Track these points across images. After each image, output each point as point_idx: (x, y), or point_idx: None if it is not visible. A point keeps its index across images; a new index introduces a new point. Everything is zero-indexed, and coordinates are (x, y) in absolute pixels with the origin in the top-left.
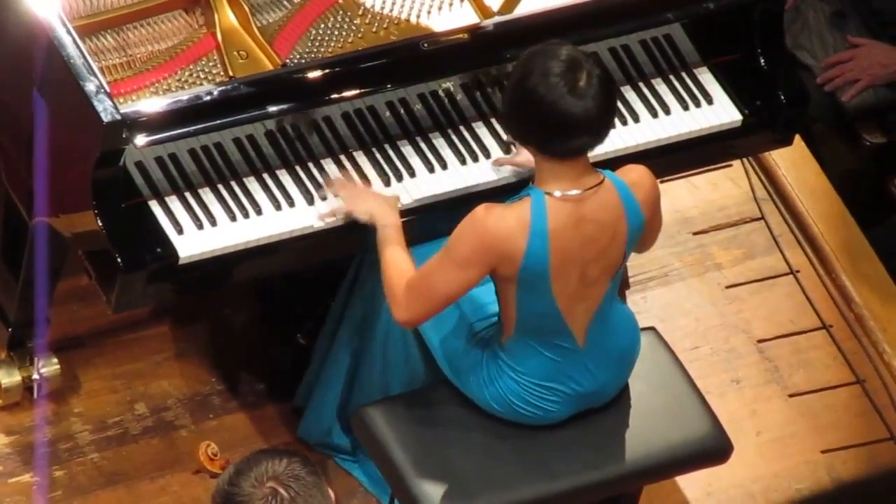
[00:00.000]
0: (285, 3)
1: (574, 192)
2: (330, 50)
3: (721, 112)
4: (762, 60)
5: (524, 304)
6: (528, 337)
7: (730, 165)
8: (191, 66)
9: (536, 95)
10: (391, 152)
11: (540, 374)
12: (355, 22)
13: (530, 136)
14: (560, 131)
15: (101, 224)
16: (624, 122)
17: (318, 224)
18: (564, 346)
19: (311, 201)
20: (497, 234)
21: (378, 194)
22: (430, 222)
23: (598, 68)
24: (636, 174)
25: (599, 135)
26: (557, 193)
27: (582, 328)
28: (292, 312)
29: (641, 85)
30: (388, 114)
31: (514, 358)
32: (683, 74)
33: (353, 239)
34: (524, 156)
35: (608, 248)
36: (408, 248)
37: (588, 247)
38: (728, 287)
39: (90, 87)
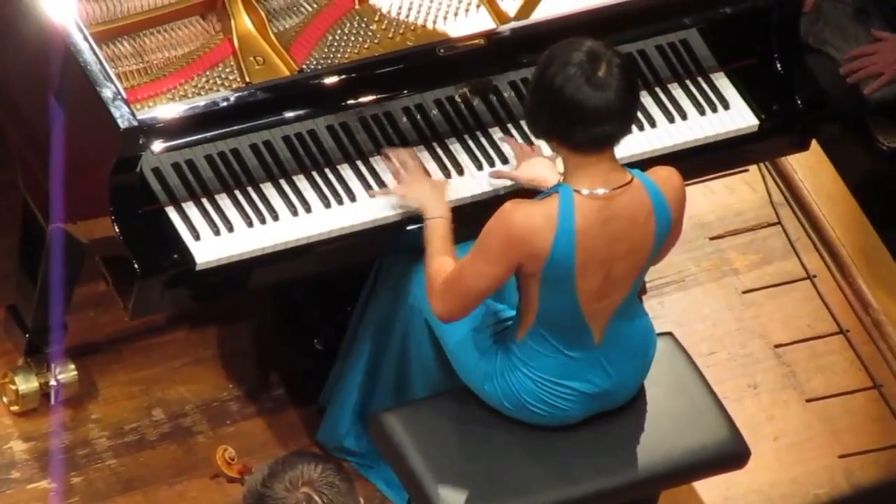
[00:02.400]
0: (302, 8)
1: (602, 190)
2: (346, 56)
3: (737, 117)
4: (779, 65)
5: (546, 300)
6: (546, 331)
7: (746, 170)
8: (207, 72)
9: (555, 87)
10: None
11: (554, 370)
12: (371, 28)
13: (553, 130)
14: (581, 121)
15: (118, 230)
16: (640, 127)
17: (335, 229)
18: (581, 343)
19: (327, 206)
20: (524, 231)
21: (431, 181)
22: None
23: (618, 57)
24: (665, 173)
25: (623, 124)
26: (586, 191)
27: (600, 326)
28: (309, 317)
29: (658, 90)
30: (404, 119)
31: (529, 353)
32: (700, 79)
33: (370, 244)
34: (525, 172)
35: (636, 247)
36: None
37: (616, 245)
38: (745, 292)
39: (107, 93)
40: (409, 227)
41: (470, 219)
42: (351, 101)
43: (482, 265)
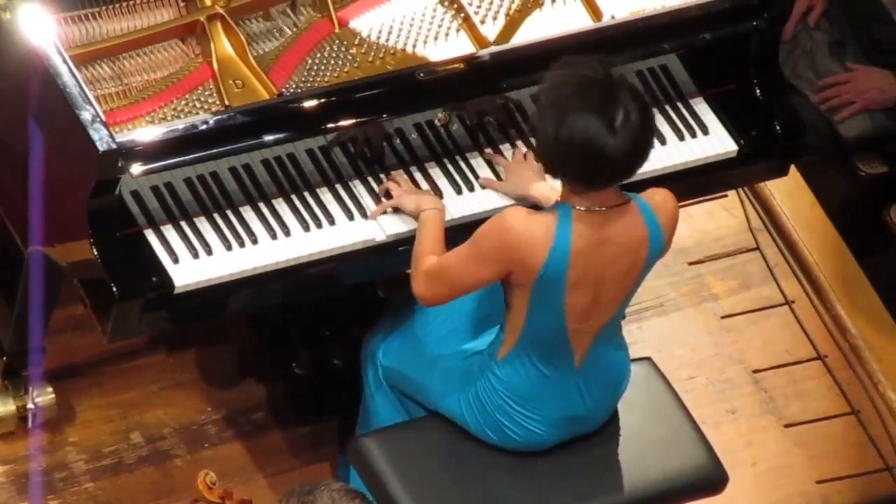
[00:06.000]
0: (282, 32)
1: (599, 208)
2: (326, 79)
3: (716, 142)
4: (758, 91)
5: (534, 314)
6: (529, 349)
7: (725, 195)
8: (187, 96)
9: (570, 135)
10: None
11: (530, 391)
12: (351, 52)
13: (563, 173)
14: (592, 169)
15: (96, 253)
16: None
17: (314, 253)
18: (561, 365)
19: (306, 230)
20: (520, 241)
21: (424, 193)
22: None
23: (635, 102)
24: (660, 197)
25: (632, 170)
26: (582, 208)
27: (583, 348)
28: (288, 341)
29: None
30: (383, 143)
31: (508, 374)
32: (679, 104)
33: (349, 268)
34: (513, 184)
35: (626, 272)
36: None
37: (609, 268)
38: (724, 317)
39: (86, 115)
40: (386, 252)
41: (448, 243)
42: (330, 125)
43: (472, 263)
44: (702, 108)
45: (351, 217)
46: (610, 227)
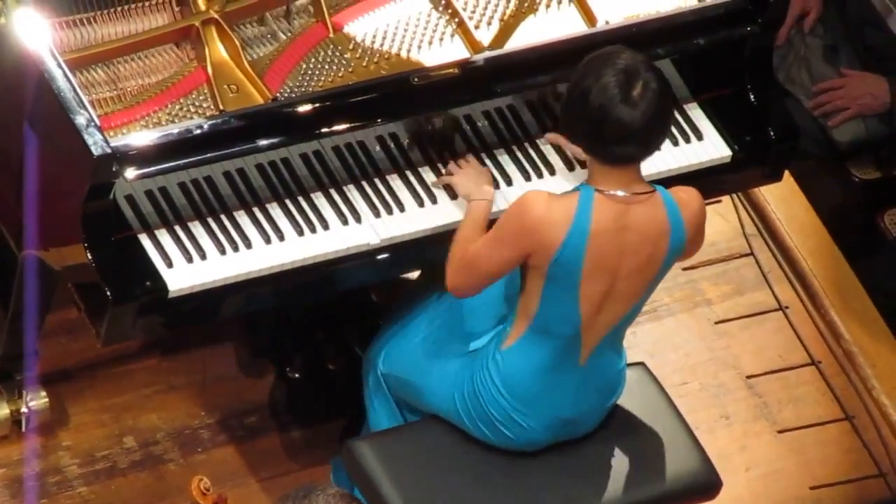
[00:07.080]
0: (276, 37)
1: (622, 193)
2: (320, 84)
3: (711, 148)
4: (752, 96)
5: (548, 299)
6: (538, 336)
7: (719, 201)
8: (181, 100)
9: (588, 98)
10: (381, 186)
11: (527, 386)
12: (346, 56)
13: (580, 138)
14: (607, 137)
15: (90, 257)
16: None
17: (308, 257)
18: (567, 358)
19: (300, 234)
20: (540, 222)
21: (479, 168)
22: (419, 256)
23: (655, 80)
24: (686, 194)
25: (647, 146)
26: (605, 189)
27: (590, 346)
28: (282, 345)
29: None
30: (377, 148)
31: (510, 364)
32: (673, 110)
33: (343, 273)
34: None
35: (646, 265)
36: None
37: (627, 258)
38: (717, 322)
39: (80, 120)
40: (380, 256)
41: (442, 247)
42: (325, 130)
43: (495, 248)
44: (696, 113)
45: (345, 222)
46: (631, 214)
